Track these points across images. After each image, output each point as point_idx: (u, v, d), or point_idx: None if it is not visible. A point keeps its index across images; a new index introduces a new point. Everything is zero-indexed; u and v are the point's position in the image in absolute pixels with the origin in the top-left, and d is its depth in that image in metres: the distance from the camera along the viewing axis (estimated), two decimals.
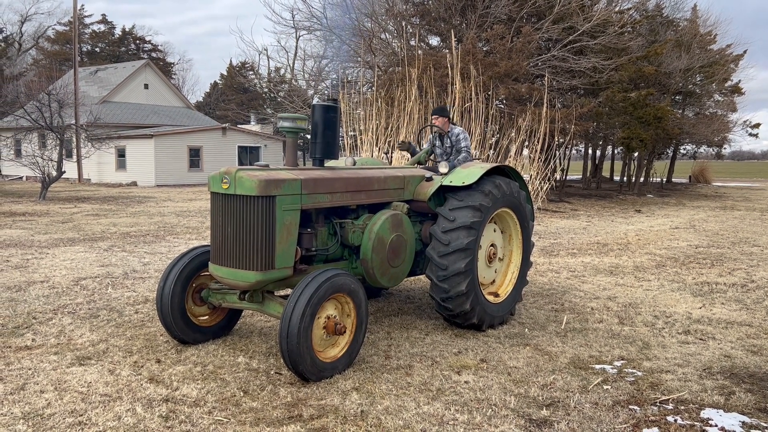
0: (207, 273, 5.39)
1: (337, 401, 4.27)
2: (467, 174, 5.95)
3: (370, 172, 5.87)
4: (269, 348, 5.39)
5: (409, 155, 7.69)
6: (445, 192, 6.06)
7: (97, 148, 26.39)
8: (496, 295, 6.39)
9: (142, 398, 4.23)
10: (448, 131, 7.08)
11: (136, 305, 6.79)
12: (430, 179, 6.23)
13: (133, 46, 61.06)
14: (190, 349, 5.30)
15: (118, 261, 9.49)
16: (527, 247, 6.67)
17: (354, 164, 6.27)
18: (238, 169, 4.77)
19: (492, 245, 6.36)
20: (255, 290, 5.04)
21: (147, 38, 62.29)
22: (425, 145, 7.45)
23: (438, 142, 7.21)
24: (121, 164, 32.25)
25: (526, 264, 6.70)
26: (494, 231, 6.44)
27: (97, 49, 59.67)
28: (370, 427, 3.89)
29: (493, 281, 6.52)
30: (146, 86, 39.84)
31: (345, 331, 4.81)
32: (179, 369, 4.81)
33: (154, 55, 60.78)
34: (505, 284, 6.54)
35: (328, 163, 6.03)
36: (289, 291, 5.85)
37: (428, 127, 7.41)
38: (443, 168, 6.14)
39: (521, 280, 6.64)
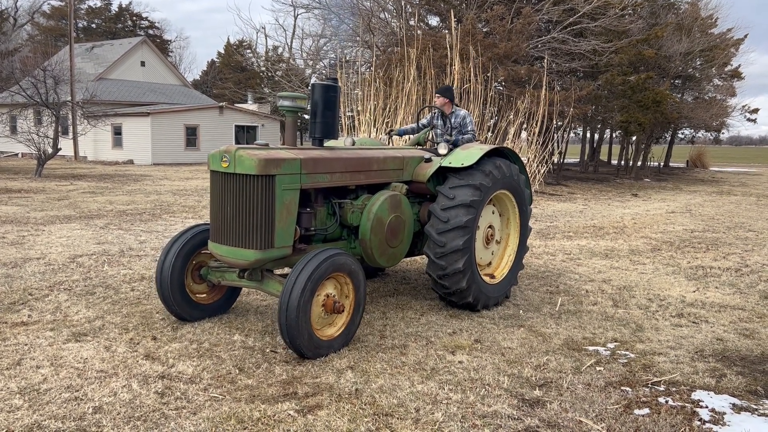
0: (207, 251, 5.40)
1: (332, 379, 4.30)
2: (466, 155, 5.96)
3: (369, 153, 5.86)
4: (265, 326, 5.42)
5: (408, 137, 7.62)
6: (444, 173, 6.09)
7: (93, 126, 26.24)
8: (492, 276, 6.42)
9: (138, 375, 4.25)
10: (452, 112, 6.99)
11: (132, 283, 6.79)
12: (429, 160, 6.24)
13: (129, 22, 60.38)
14: (186, 326, 5.32)
15: (114, 239, 9.48)
16: (524, 231, 6.71)
17: (353, 144, 6.26)
18: (238, 147, 4.76)
19: (490, 227, 6.39)
20: (254, 269, 5.06)
21: (144, 15, 61.78)
22: (423, 121, 7.35)
23: (440, 122, 7.09)
24: (117, 142, 32.08)
25: (522, 247, 6.74)
26: (492, 213, 6.46)
27: (93, 25, 59.02)
28: (364, 405, 3.92)
29: (490, 263, 6.56)
30: (143, 64, 39.53)
31: (343, 310, 4.84)
32: (175, 346, 4.83)
33: (151, 32, 60.13)
34: (502, 266, 6.58)
35: (327, 143, 6.01)
36: (287, 270, 5.85)
37: (427, 107, 7.32)
38: (442, 149, 6.15)
39: (517, 263, 6.68)
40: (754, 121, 37.37)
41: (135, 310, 5.78)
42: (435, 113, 7.16)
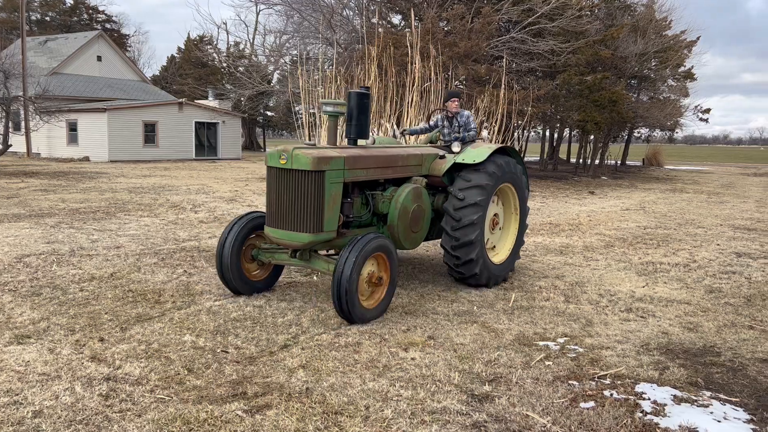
0: (257, 235, 6.32)
1: (282, 379, 4.28)
2: (477, 153, 6.87)
3: (395, 151, 6.74)
4: (217, 326, 5.35)
5: (419, 136, 8.65)
6: (457, 168, 6.91)
7: (46, 122, 25.51)
8: (498, 256, 7.37)
9: (82, 377, 4.15)
10: (457, 113, 7.73)
11: (82, 283, 6.63)
12: (443, 157, 7.10)
13: (85, 16, 58.68)
14: (135, 327, 5.22)
15: (65, 238, 9.23)
16: (524, 215, 7.72)
17: (374, 143, 7.08)
18: (295, 147, 5.62)
19: (495, 214, 7.37)
20: (304, 249, 5.90)
21: (101, 8, 60.06)
22: (431, 122, 8.11)
23: (446, 123, 7.82)
24: (72, 138, 31.19)
25: (522, 228, 7.72)
26: (497, 204, 7.42)
27: (47, 18, 57.24)
28: (314, 403, 3.91)
29: (495, 245, 7.49)
30: (99, 58, 38.49)
31: (382, 284, 5.76)
32: (123, 347, 4.74)
33: (108, 26, 58.58)
34: (506, 247, 7.53)
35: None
36: (324, 252, 6.56)
37: (439, 109, 8.01)
38: (456, 147, 7.06)
39: (519, 243, 7.69)
40: (706, 120, 38.51)
41: (83, 311, 5.64)
42: (443, 115, 7.86)
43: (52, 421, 3.54)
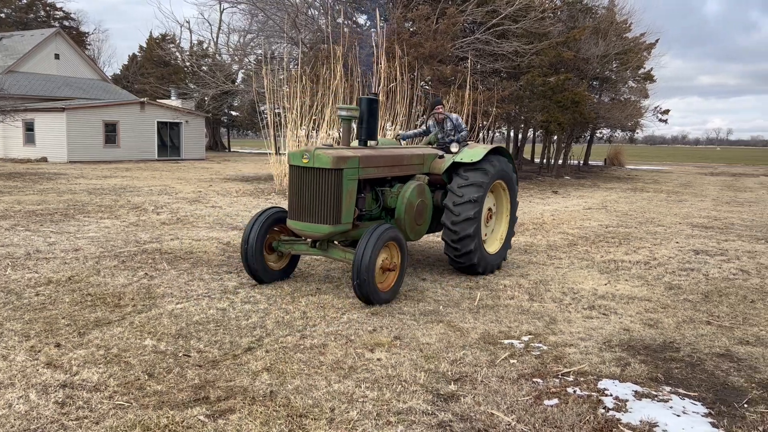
0: (277, 229, 6.88)
1: (246, 382, 4.21)
2: (474, 153, 7.57)
3: (401, 151, 7.39)
4: (179, 330, 5.24)
5: (408, 140, 9.49)
6: (456, 167, 7.59)
7: (1, 121, 24.74)
8: (492, 246, 8.04)
9: (37, 384, 4.02)
10: (445, 117, 8.48)
11: (38, 287, 6.43)
12: (441, 157, 7.79)
13: (42, 12, 57.08)
14: (94, 331, 5.08)
15: (21, 241, 8.95)
16: (513, 211, 8.42)
17: (377, 144, 7.51)
18: (316, 147, 6.22)
19: (489, 209, 7.97)
20: (323, 240, 6.48)
21: (58, 5, 58.49)
22: (423, 127, 8.88)
23: (438, 127, 8.56)
24: (29, 138, 30.32)
25: (512, 223, 8.41)
26: (491, 200, 8.02)
27: (2, 15, 55.50)
28: (279, 407, 3.85)
29: (488, 237, 8.10)
30: (57, 56, 37.52)
31: (394, 269, 6.34)
32: (80, 353, 4.60)
33: (66, 23, 57.11)
34: (498, 239, 8.21)
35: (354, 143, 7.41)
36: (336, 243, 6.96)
37: (433, 115, 8.65)
38: (454, 148, 7.70)
39: (509, 236, 8.36)
40: (665, 121, 39.48)
41: (38, 315, 5.47)
42: (433, 121, 8.62)
43: (4, 431, 3.41)
